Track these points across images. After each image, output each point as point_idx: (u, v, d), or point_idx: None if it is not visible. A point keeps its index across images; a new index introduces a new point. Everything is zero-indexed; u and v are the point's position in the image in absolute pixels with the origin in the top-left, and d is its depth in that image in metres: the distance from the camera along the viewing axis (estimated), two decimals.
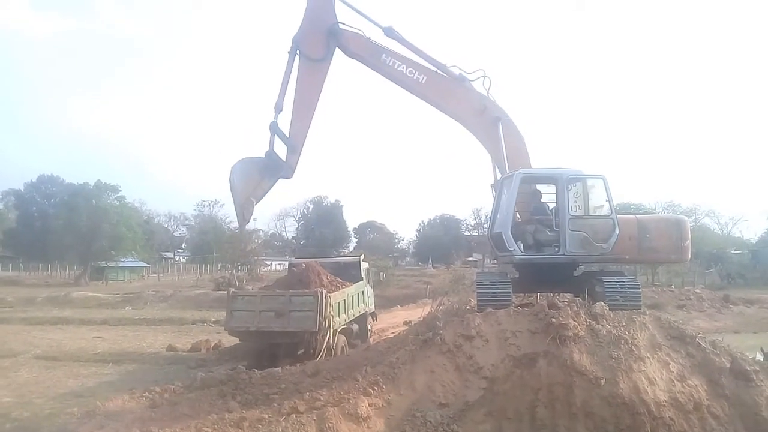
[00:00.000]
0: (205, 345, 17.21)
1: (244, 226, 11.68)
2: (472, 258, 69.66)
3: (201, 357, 15.79)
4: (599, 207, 9.88)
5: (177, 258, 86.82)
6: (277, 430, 7.09)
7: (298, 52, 10.44)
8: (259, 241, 60.85)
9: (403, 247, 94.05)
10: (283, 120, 10.37)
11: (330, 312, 13.03)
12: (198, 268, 66.86)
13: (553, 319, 8.24)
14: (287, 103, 10.35)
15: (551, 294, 10.93)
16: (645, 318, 8.77)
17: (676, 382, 7.83)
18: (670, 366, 8.02)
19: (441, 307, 12.48)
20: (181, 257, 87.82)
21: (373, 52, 10.87)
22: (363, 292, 16.61)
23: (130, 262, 59.11)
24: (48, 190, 59.60)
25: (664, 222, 10.54)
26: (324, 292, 12.94)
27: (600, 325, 8.35)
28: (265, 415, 7.52)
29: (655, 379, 7.77)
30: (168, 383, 10.53)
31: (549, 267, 9.80)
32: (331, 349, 13.24)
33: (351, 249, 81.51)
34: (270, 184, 10.39)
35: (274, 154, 10.23)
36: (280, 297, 13.19)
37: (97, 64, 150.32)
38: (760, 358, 10.84)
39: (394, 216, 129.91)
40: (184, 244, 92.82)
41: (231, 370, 11.24)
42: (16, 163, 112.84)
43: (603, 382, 7.65)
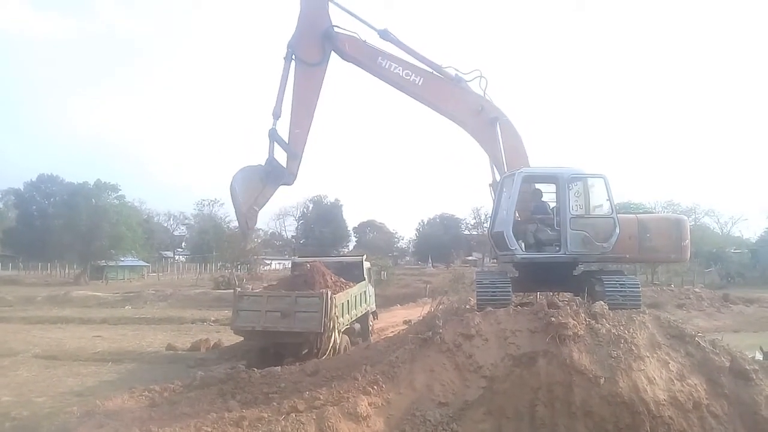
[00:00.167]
0: (204, 344, 17.22)
1: (247, 235, 11.60)
2: (471, 257, 69.79)
3: (200, 356, 15.79)
4: (600, 206, 9.88)
5: (177, 257, 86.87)
6: (277, 429, 7.09)
7: (294, 57, 10.32)
8: (259, 241, 60.85)
9: (403, 246, 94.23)
10: (281, 126, 10.28)
11: (335, 313, 13.09)
12: (198, 267, 66.98)
13: (552, 319, 8.24)
14: (285, 109, 10.24)
15: (551, 293, 10.94)
16: (644, 317, 8.77)
17: (675, 381, 7.84)
18: (670, 365, 8.03)
19: (441, 306, 12.48)
20: (180, 256, 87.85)
21: (369, 54, 10.77)
22: (365, 291, 16.69)
23: (129, 261, 59.10)
24: (48, 189, 59.56)
25: (664, 221, 10.54)
26: (329, 294, 13.00)
27: (599, 324, 8.35)
28: (265, 414, 7.53)
29: (654, 378, 7.78)
30: (167, 382, 10.51)
31: (549, 266, 9.79)
32: (335, 348, 13.31)
33: (351, 248, 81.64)
34: (272, 192, 10.33)
35: (275, 161, 10.12)
36: (285, 297, 13.26)
37: (97, 64, 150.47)
38: (759, 357, 10.81)
39: (393, 215, 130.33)
40: (183, 244, 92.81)
41: (230, 370, 11.25)
42: (15, 162, 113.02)
43: (602, 381, 7.66)
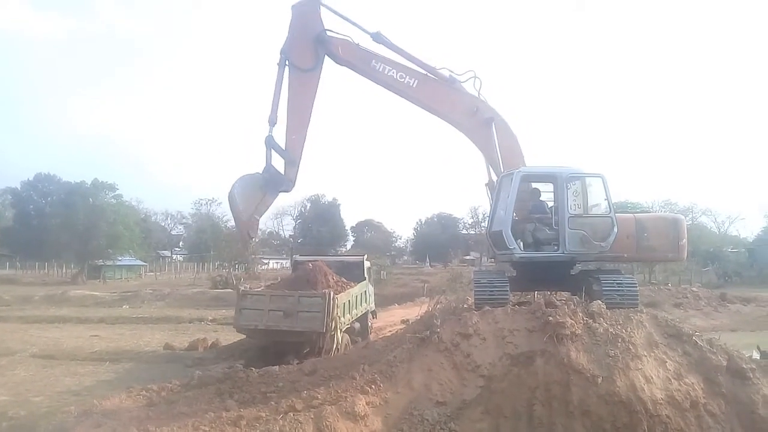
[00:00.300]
0: (202, 343, 17.18)
1: (249, 245, 11.56)
2: (469, 256, 69.74)
3: (198, 355, 15.76)
4: (598, 205, 9.90)
5: (174, 256, 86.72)
6: (275, 428, 7.09)
7: (288, 63, 10.25)
8: (257, 240, 60.73)
9: (401, 245, 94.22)
10: (278, 132, 10.18)
11: (337, 313, 13.19)
12: (195, 266, 66.89)
13: (550, 318, 8.25)
14: (281, 116, 10.15)
15: (548, 292, 10.95)
16: (642, 316, 8.78)
17: (672, 380, 7.86)
18: (667, 364, 8.04)
19: (438, 306, 12.50)
20: (178, 256, 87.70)
21: (363, 58, 10.70)
22: (366, 291, 16.84)
23: (127, 260, 58.93)
24: (45, 188, 59.39)
25: (662, 221, 10.55)
26: (332, 294, 13.10)
27: (597, 324, 8.36)
28: (263, 414, 7.52)
29: (651, 378, 7.79)
30: (165, 382, 10.49)
31: (547, 265, 9.81)
32: (337, 348, 13.46)
33: (348, 248, 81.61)
34: (272, 200, 10.30)
35: (273, 168, 10.03)
36: (288, 297, 13.32)
37: (97, 64, 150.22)
38: (756, 356, 10.86)
39: (391, 214, 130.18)
40: (181, 243, 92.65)
41: (228, 369, 11.24)
42: (13, 161, 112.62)
43: (600, 380, 7.67)
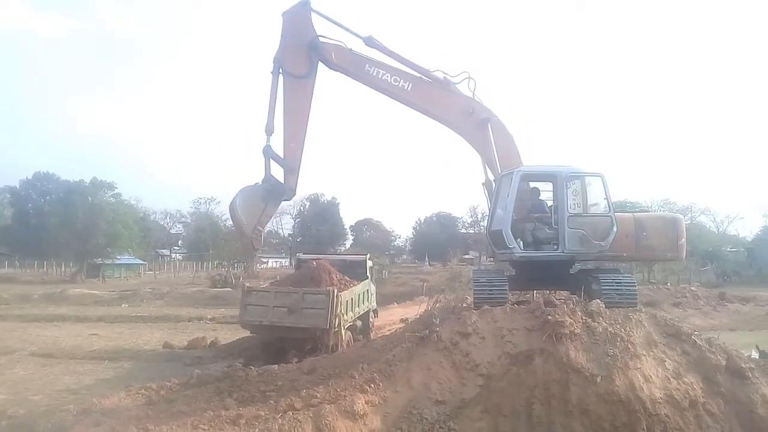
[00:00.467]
0: (201, 342, 17.19)
1: (253, 256, 11.55)
2: (468, 255, 69.84)
3: (197, 354, 15.75)
4: (597, 205, 9.90)
5: (173, 255, 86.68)
6: (274, 427, 7.08)
7: (282, 71, 10.20)
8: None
9: (400, 244, 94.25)
10: (275, 140, 10.12)
11: (340, 310, 13.36)
12: (194, 265, 66.81)
13: (549, 317, 8.25)
14: (278, 125, 10.09)
15: (548, 291, 10.95)
16: (641, 315, 8.79)
17: (671, 379, 7.87)
18: (666, 363, 8.05)
19: (437, 305, 12.55)
20: (177, 255, 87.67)
21: (357, 63, 10.65)
22: (368, 290, 16.98)
23: (126, 259, 58.95)
24: (44, 187, 59.32)
25: (661, 220, 10.56)
26: (336, 291, 13.25)
27: (596, 323, 8.36)
28: (262, 413, 7.52)
29: (650, 377, 7.80)
30: (164, 380, 10.49)
31: (546, 264, 9.81)
32: (341, 345, 13.66)
33: (347, 246, 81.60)
34: (274, 210, 10.30)
35: (273, 178, 9.98)
36: (293, 294, 13.50)
37: (96, 63, 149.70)
38: (755, 355, 10.89)
39: (390, 213, 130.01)
40: (180, 242, 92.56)
41: (227, 368, 11.25)
42: (11, 160, 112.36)
43: (599, 379, 7.68)
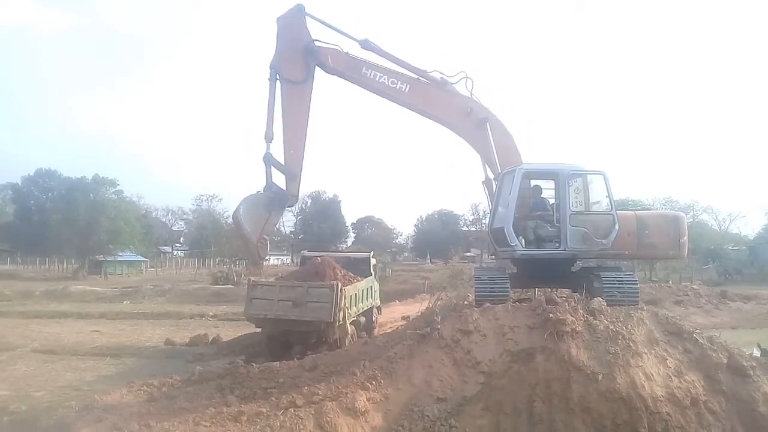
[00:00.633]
0: (203, 339, 17.21)
1: (260, 265, 11.59)
2: (470, 253, 69.85)
3: (199, 351, 15.75)
4: (599, 203, 9.89)
5: (175, 252, 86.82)
6: (275, 424, 7.09)
7: (279, 77, 10.16)
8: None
9: (402, 242, 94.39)
10: (275, 147, 10.10)
11: (344, 303, 13.55)
12: (196, 262, 66.97)
13: (550, 315, 8.26)
14: (277, 131, 10.06)
15: (549, 289, 10.95)
16: (642, 314, 8.79)
17: (673, 377, 7.86)
18: (668, 361, 8.05)
19: (439, 302, 12.51)
20: (179, 252, 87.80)
21: (353, 66, 10.62)
22: (371, 287, 17.12)
23: (128, 256, 59.03)
24: (46, 184, 59.50)
25: (663, 218, 10.56)
26: (339, 285, 13.43)
27: (597, 321, 8.36)
28: (263, 409, 7.53)
29: (652, 375, 7.80)
30: (166, 377, 10.49)
31: (548, 262, 9.81)
32: (349, 338, 13.99)
33: (349, 244, 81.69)
34: (278, 218, 10.32)
35: (275, 185, 9.99)
36: (297, 288, 13.66)
37: (97, 60, 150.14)
38: (757, 354, 10.84)
39: (392, 211, 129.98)
40: (182, 239, 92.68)
41: (229, 365, 11.25)
42: (13, 157, 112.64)
43: (600, 377, 7.68)
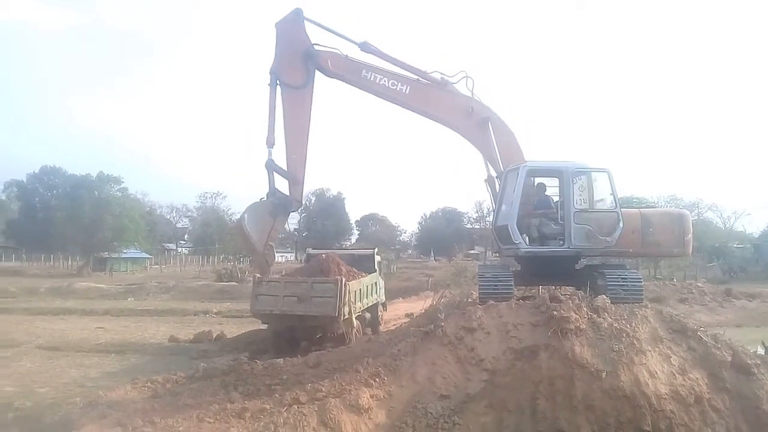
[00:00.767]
0: (207, 336, 17.26)
1: (268, 272, 11.58)
2: (473, 251, 69.86)
3: (203, 348, 15.81)
4: (603, 200, 9.86)
5: (179, 249, 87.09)
6: (279, 420, 7.10)
7: (279, 82, 10.13)
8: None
9: (405, 239, 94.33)
10: (277, 152, 10.07)
11: (349, 298, 13.65)
12: (200, 259, 67.16)
13: (554, 312, 8.24)
14: (278, 136, 10.03)
15: (553, 287, 10.93)
16: (646, 311, 8.76)
17: (677, 375, 7.84)
18: (672, 359, 8.02)
19: (443, 300, 12.52)
20: (183, 249, 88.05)
21: (353, 69, 10.59)
22: (376, 283, 17.15)
23: (132, 253, 59.25)
24: (50, 181, 59.62)
25: (667, 216, 10.53)
26: (344, 280, 13.53)
27: (601, 318, 8.34)
28: (267, 406, 7.54)
29: (656, 372, 7.78)
30: (170, 374, 10.54)
31: (552, 260, 9.80)
32: (354, 333, 14.09)
33: (353, 241, 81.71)
34: (283, 224, 10.34)
35: (278, 191, 9.98)
36: (302, 283, 13.76)
37: (101, 58, 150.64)
38: (761, 351, 10.79)
39: (396, 208, 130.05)
40: (186, 236, 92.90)
41: (233, 361, 11.27)
42: (18, 154, 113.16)
43: (604, 374, 7.66)
